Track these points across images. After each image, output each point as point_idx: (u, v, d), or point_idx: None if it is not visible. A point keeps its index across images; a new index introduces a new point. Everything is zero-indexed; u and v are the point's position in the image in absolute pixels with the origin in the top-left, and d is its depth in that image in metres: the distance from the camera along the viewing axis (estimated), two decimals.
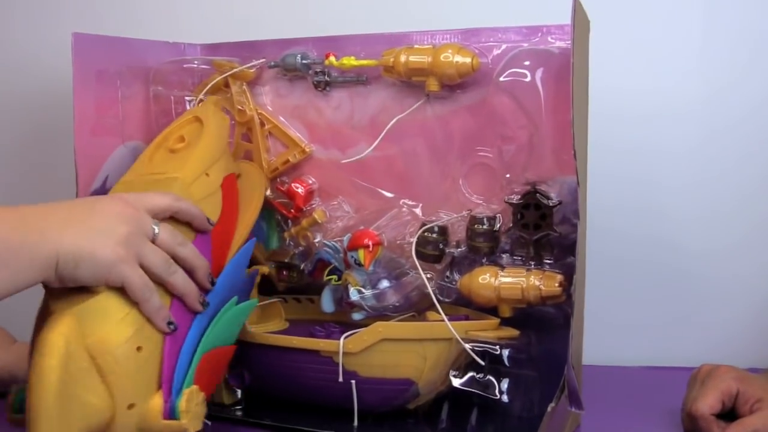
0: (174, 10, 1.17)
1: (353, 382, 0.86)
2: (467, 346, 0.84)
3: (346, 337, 0.86)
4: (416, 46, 0.92)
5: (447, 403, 0.90)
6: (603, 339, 0.97)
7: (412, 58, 0.91)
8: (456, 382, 0.85)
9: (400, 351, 0.86)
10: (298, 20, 1.13)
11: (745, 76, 1.06)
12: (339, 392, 0.87)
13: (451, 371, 0.86)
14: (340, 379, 0.86)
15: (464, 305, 0.93)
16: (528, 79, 0.86)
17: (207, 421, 0.90)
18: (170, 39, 1.02)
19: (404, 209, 0.96)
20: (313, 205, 1.00)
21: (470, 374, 0.85)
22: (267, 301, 0.98)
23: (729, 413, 0.81)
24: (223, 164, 0.88)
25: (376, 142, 0.96)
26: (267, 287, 1.00)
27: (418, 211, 0.96)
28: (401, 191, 0.97)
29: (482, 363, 0.84)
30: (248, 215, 0.90)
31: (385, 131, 0.95)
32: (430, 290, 0.88)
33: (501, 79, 0.87)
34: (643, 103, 1.08)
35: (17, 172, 1.21)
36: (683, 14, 1.07)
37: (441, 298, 0.92)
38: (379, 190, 0.98)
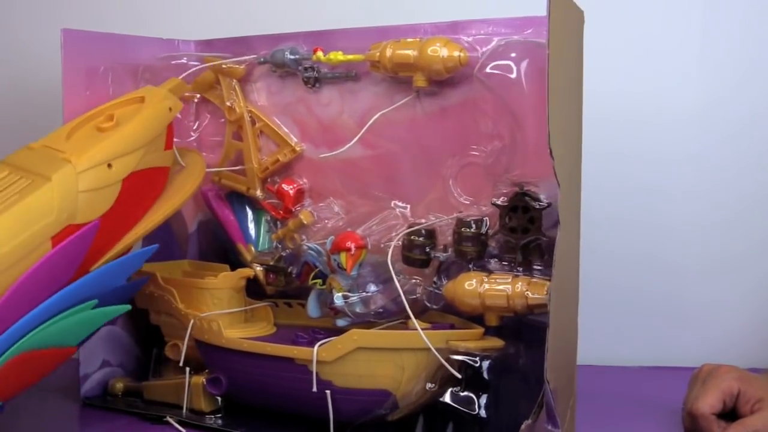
0: (166, 6, 1.15)
1: (328, 392, 0.82)
2: (442, 357, 0.79)
3: (320, 345, 0.82)
4: (403, 40, 0.87)
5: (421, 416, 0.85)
6: (602, 339, 0.96)
7: (397, 52, 0.86)
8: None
9: (376, 360, 0.81)
10: (294, 13, 1.10)
11: (745, 82, 1.03)
12: (315, 402, 0.83)
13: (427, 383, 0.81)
14: (314, 389, 0.82)
15: (455, 313, 0.88)
16: (513, 72, 0.81)
17: (181, 429, 0.89)
18: (163, 35, 1.00)
19: (397, 211, 0.92)
20: (304, 206, 0.97)
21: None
22: (255, 305, 0.95)
23: (730, 413, 0.81)
24: (139, 157, 0.83)
25: (358, 137, 0.92)
26: (256, 290, 0.97)
27: (408, 212, 0.92)
28: (391, 192, 0.93)
29: (458, 375, 0.79)
30: (155, 216, 0.85)
31: (367, 126, 0.91)
32: (402, 296, 0.83)
33: (486, 70, 0.82)
34: (640, 108, 1.05)
35: None
36: (682, 19, 1.04)
37: (429, 305, 0.88)
38: (370, 191, 0.94)
